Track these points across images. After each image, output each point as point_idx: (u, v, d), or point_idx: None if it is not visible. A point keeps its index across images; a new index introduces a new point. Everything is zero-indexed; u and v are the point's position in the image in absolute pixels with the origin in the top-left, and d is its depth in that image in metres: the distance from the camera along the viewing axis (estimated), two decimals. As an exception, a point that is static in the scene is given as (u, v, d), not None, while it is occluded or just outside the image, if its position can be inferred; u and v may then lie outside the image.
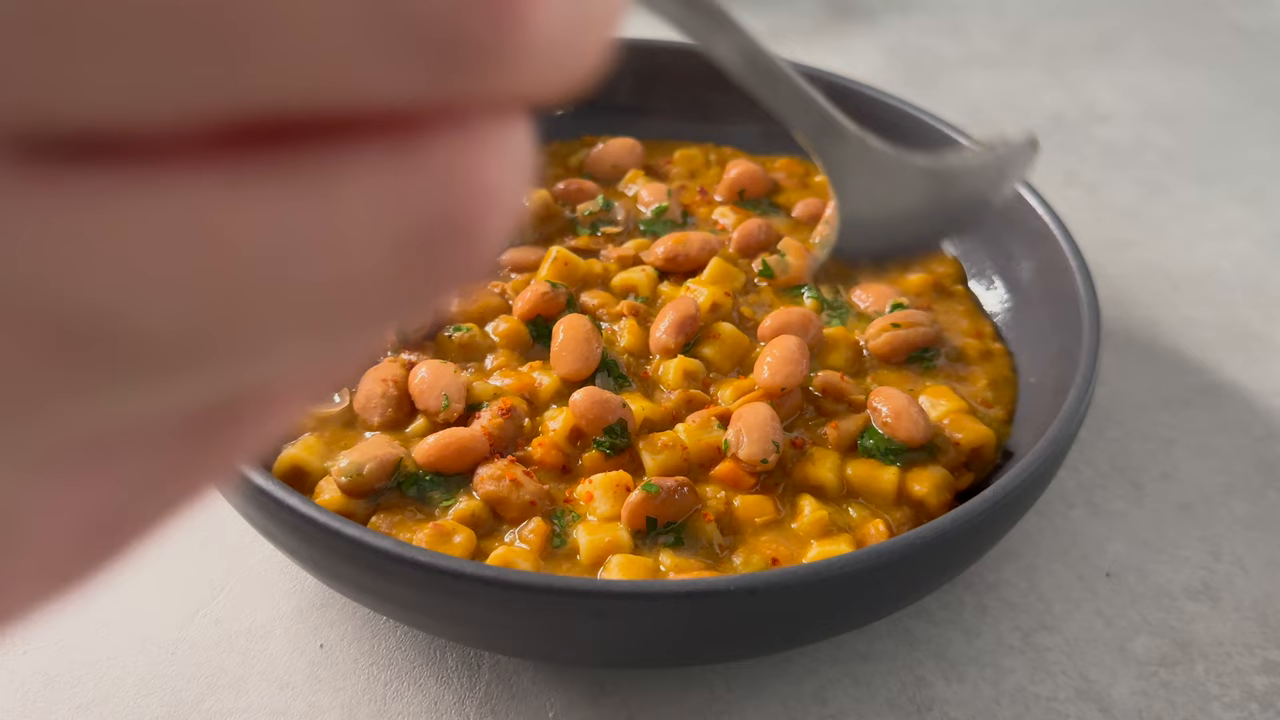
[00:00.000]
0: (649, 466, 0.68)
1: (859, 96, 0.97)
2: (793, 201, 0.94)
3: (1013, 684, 0.68)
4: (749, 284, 0.83)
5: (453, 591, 0.55)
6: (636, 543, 0.64)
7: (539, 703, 0.66)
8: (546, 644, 0.60)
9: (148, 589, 0.71)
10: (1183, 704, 0.68)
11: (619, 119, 1.01)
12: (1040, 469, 0.63)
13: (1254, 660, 0.71)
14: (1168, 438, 0.87)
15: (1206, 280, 1.04)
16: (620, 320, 0.77)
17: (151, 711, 0.64)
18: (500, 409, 0.69)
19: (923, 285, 0.85)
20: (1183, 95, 1.36)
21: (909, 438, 0.70)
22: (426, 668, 0.67)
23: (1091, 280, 0.76)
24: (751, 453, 0.67)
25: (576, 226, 0.88)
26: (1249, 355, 0.95)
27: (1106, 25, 1.52)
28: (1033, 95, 1.35)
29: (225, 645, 0.68)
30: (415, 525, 0.64)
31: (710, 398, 0.73)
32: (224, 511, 0.76)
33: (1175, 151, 1.25)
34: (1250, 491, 0.82)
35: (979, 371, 0.79)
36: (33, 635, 0.68)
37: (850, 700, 0.67)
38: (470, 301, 0.76)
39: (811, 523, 0.66)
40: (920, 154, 0.46)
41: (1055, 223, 0.81)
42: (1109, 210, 1.14)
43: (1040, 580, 0.75)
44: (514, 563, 0.62)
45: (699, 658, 0.63)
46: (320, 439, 0.69)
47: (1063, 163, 1.22)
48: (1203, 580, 0.76)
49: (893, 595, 0.62)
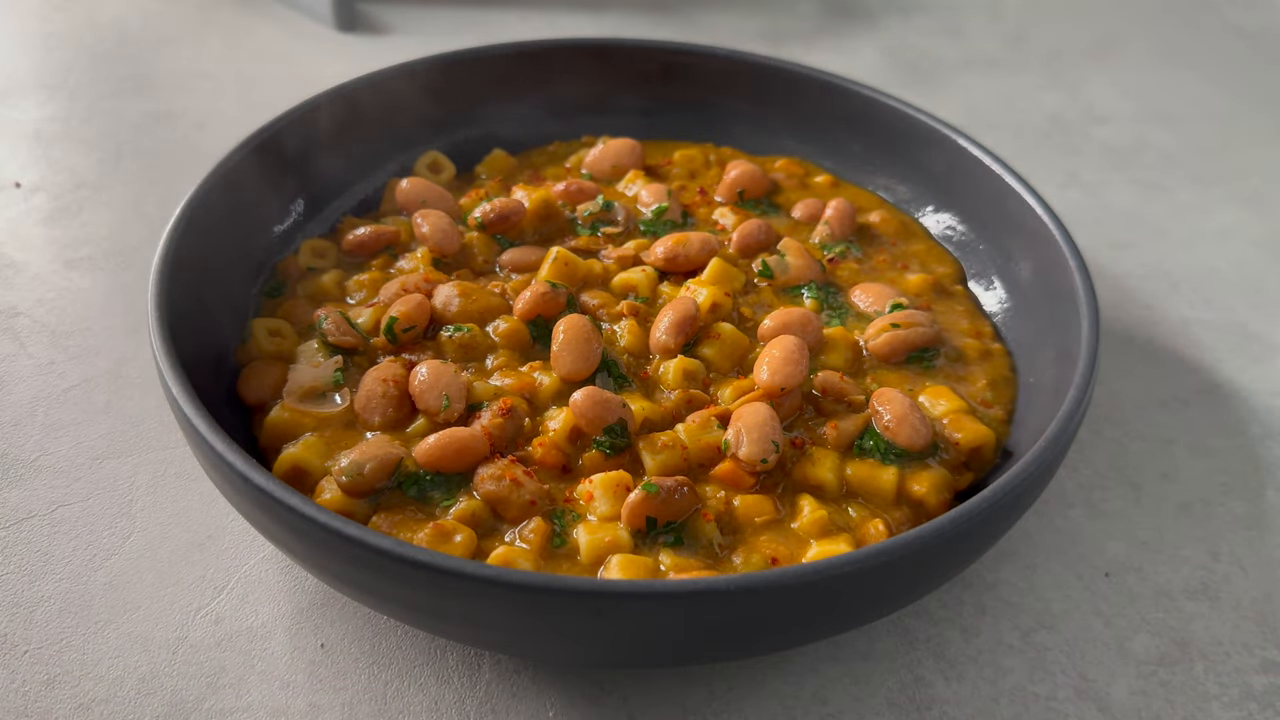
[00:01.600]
0: (649, 466, 0.68)
1: (859, 97, 0.97)
2: (792, 201, 0.94)
3: (1012, 683, 0.69)
4: (749, 284, 0.83)
5: (453, 591, 0.55)
6: (636, 543, 0.64)
7: (539, 703, 0.66)
8: (546, 644, 0.60)
9: (148, 589, 0.71)
10: (1181, 703, 0.68)
11: (619, 119, 1.02)
12: (1039, 469, 0.63)
13: (1253, 660, 0.71)
14: (1166, 438, 0.87)
15: (1205, 280, 1.04)
16: (620, 320, 0.77)
17: (152, 711, 0.64)
18: (500, 409, 0.69)
19: (923, 285, 0.85)
20: (1181, 96, 1.36)
21: (910, 443, 0.70)
22: (427, 667, 0.67)
23: (1091, 280, 0.77)
24: (751, 453, 0.67)
25: (576, 226, 0.88)
26: (1248, 355, 0.95)
27: (1105, 27, 1.53)
28: (1032, 96, 1.35)
29: (226, 645, 0.68)
30: (415, 525, 0.64)
31: (710, 398, 0.73)
32: (224, 511, 0.76)
33: (1174, 152, 1.25)
34: (1249, 491, 0.83)
35: (978, 371, 0.79)
36: (33, 635, 0.68)
37: (850, 700, 0.67)
38: (470, 301, 0.76)
39: (811, 522, 0.66)
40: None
41: (1055, 223, 0.81)
42: (1108, 210, 1.14)
43: (1039, 580, 0.75)
44: (514, 563, 0.62)
45: (699, 658, 0.64)
46: (321, 439, 0.69)
47: (1062, 163, 1.22)
48: (1201, 580, 0.76)
49: (893, 595, 0.62)
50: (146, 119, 1.17)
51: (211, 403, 0.65)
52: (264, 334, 0.76)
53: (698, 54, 1.01)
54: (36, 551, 0.73)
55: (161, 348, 0.65)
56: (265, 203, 0.85)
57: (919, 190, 0.95)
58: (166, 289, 0.69)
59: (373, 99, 0.92)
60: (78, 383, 0.85)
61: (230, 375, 0.74)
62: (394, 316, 0.74)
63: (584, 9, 1.45)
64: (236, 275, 0.80)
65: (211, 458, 0.60)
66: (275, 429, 0.70)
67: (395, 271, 0.82)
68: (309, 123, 0.87)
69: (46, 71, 1.25)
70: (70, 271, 0.96)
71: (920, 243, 0.92)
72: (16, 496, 0.76)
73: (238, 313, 0.79)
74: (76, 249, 0.99)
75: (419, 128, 0.96)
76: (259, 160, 0.83)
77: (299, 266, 0.83)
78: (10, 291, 0.94)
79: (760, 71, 1.00)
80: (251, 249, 0.83)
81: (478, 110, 0.98)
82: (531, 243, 0.86)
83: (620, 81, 1.02)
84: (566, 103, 1.01)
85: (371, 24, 1.39)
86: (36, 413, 0.83)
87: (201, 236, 0.75)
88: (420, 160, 0.95)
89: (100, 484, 0.77)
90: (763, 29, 1.45)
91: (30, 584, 0.71)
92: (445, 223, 0.83)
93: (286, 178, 0.87)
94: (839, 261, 0.87)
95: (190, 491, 0.77)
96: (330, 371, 0.72)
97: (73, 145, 1.12)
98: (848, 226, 0.90)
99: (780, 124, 1.01)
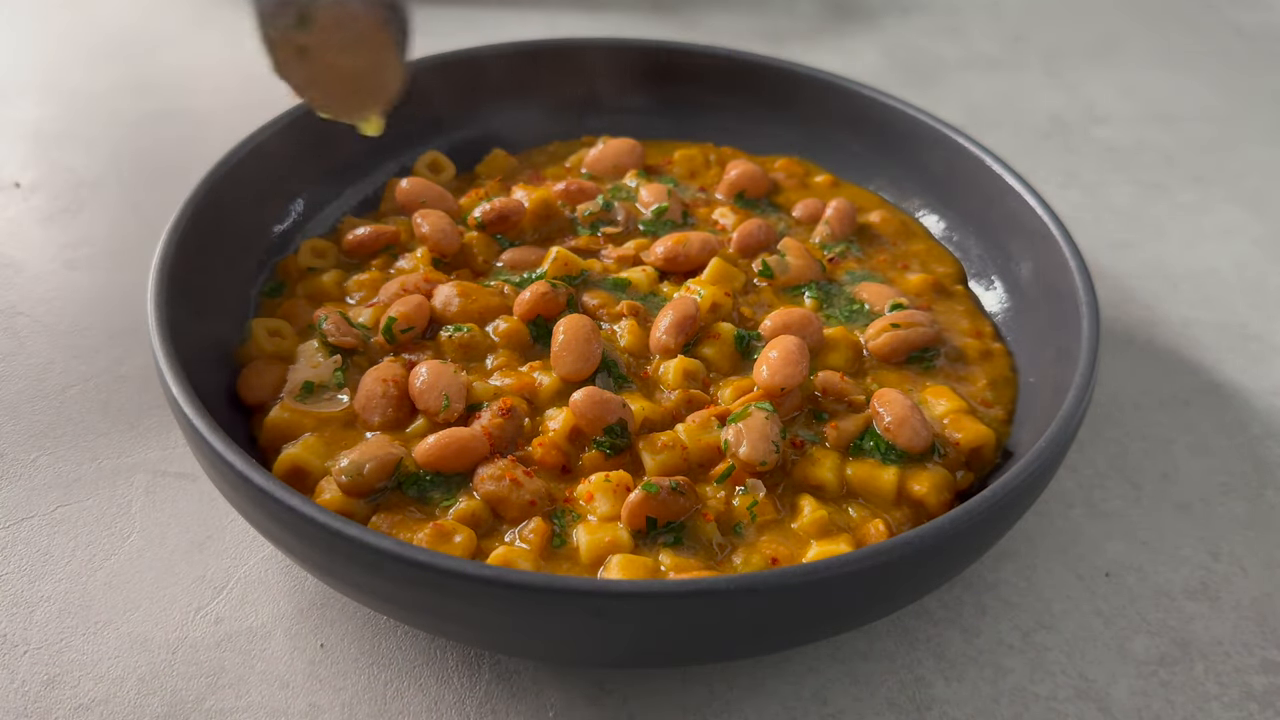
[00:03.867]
0: (649, 466, 0.68)
1: (859, 97, 0.97)
2: (793, 201, 0.94)
3: (1012, 683, 0.69)
4: (749, 284, 0.83)
5: (453, 591, 0.55)
6: (636, 543, 0.64)
7: (539, 702, 0.66)
8: (546, 644, 0.60)
9: (148, 589, 0.71)
10: (1182, 703, 0.68)
11: (619, 119, 1.02)
12: (1039, 469, 0.63)
13: (1253, 660, 0.71)
14: (1166, 438, 0.87)
15: (1205, 280, 1.04)
16: (620, 320, 0.77)
17: (152, 711, 0.64)
18: (500, 409, 0.69)
19: (923, 285, 0.85)
20: (1181, 96, 1.36)
21: (910, 445, 0.70)
22: (426, 667, 0.67)
23: (1091, 280, 0.77)
24: (751, 454, 0.67)
25: (576, 226, 0.88)
26: (1247, 355, 0.95)
27: (1105, 27, 1.53)
28: (1031, 96, 1.35)
29: (226, 645, 0.68)
30: (415, 525, 0.64)
31: (710, 398, 0.73)
32: (224, 511, 0.76)
33: (1174, 152, 1.25)
34: (1249, 491, 0.83)
35: (979, 371, 0.79)
36: (33, 635, 0.68)
37: (850, 700, 0.67)
38: (470, 301, 0.76)
39: (811, 522, 0.66)
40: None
41: (1055, 223, 0.81)
42: (1108, 210, 1.14)
43: (1039, 580, 0.75)
44: (514, 563, 0.62)
45: (699, 658, 0.64)
46: (320, 439, 0.69)
47: (1062, 163, 1.22)
48: (1201, 580, 0.76)
49: (893, 595, 0.62)
50: (146, 119, 1.17)
51: (211, 403, 0.65)
52: (264, 334, 0.76)
53: (698, 54, 1.01)
54: (36, 551, 0.73)
55: (161, 348, 0.65)
56: (265, 203, 0.85)
57: (919, 190, 0.95)
58: (166, 289, 0.70)
59: (373, 99, 0.92)
60: (78, 382, 0.85)
61: (230, 375, 0.74)
62: (393, 317, 0.74)
63: (584, 9, 1.45)
64: (236, 275, 0.80)
65: (211, 458, 0.60)
66: (275, 429, 0.70)
67: (395, 271, 0.82)
68: (308, 122, 0.87)
69: (46, 71, 1.25)
70: (70, 271, 0.96)
71: (920, 243, 0.92)
72: (16, 496, 0.76)
73: (238, 313, 0.79)
74: (76, 249, 0.98)
75: (419, 128, 0.96)
76: (259, 160, 0.83)
77: (299, 266, 0.83)
78: (10, 291, 0.94)
79: (760, 71, 1.00)
80: (251, 249, 0.83)
81: (478, 110, 0.98)
82: (531, 243, 0.86)
83: (620, 81, 1.02)
84: (566, 103, 1.01)
85: (371, 24, 1.39)
86: (36, 413, 0.83)
87: (201, 236, 0.75)
88: (420, 160, 0.95)
89: (100, 484, 0.77)
90: (763, 29, 1.45)
91: (30, 584, 0.71)
92: (445, 223, 0.83)
93: (286, 178, 0.87)
94: (839, 261, 0.87)
95: (190, 491, 0.77)
96: (330, 371, 0.72)
97: (73, 145, 1.12)
98: (848, 226, 0.90)
99: (780, 124, 1.01)
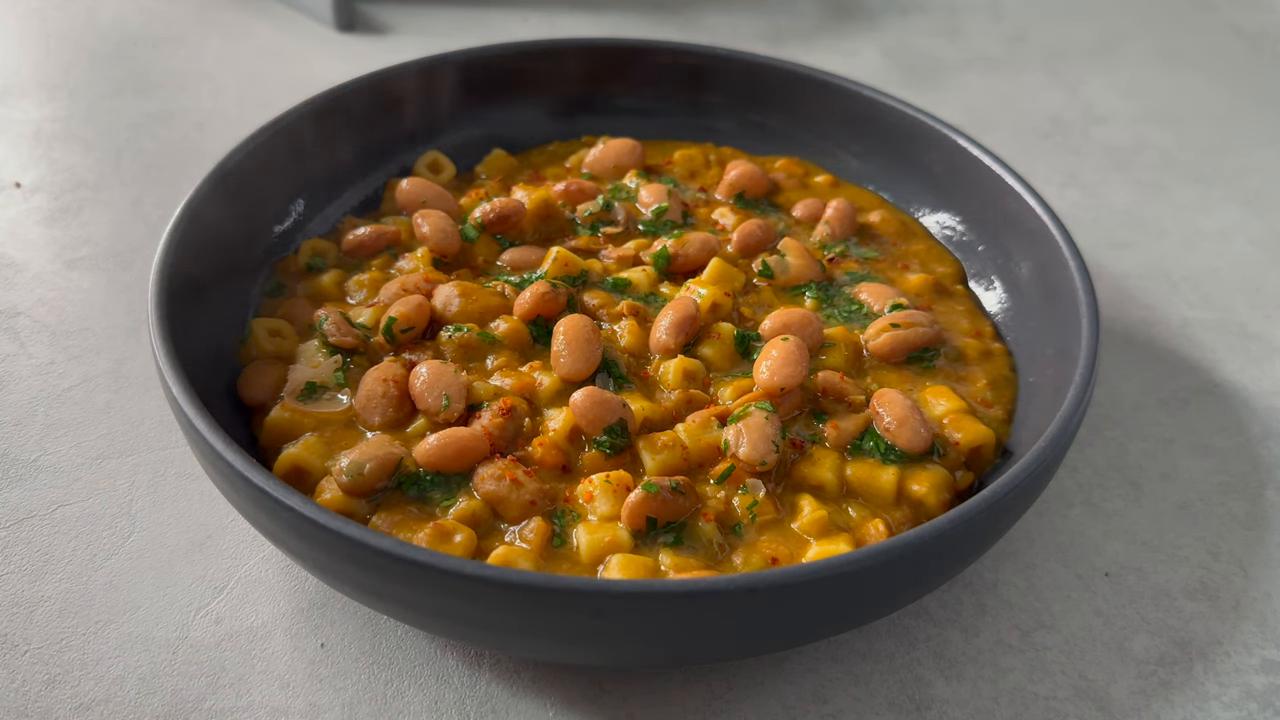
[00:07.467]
0: (649, 466, 0.68)
1: (859, 97, 0.97)
2: (793, 201, 0.94)
3: (1011, 683, 0.69)
4: (749, 284, 0.83)
5: (453, 591, 0.55)
6: (636, 542, 0.64)
7: (539, 703, 0.66)
8: (546, 644, 0.60)
9: (148, 589, 0.71)
10: (1181, 703, 0.68)
11: (619, 119, 1.02)
12: (1039, 469, 0.63)
13: (1252, 659, 0.71)
14: (1166, 437, 0.87)
15: (1205, 280, 1.04)
16: (620, 320, 0.77)
17: (152, 711, 0.64)
18: (500, 409, 0.69)
19: (923, 285, 0.85)
20: (1181, 97, 1.36)
21: (910, 446, 0.70)
22: (427, 667, 0.67)
23: (1091, 280, 0.77)
24: (751, 453, 0.67)
25: (576, 226, 0.88)
26: (1247, 355, 0.95)
27: (1105, 27, 1.53)
28: (1031, 96, 1.35)
29: (226, 645, 0.68)
30: (415, 525, 0.64)
31: (710, 398, 0.73)
32: (224, 511, 0.76)
33: (1174, 152, 1.25)
34: (1248, 491, 0.83)
35: (978, 371, 0.79)
36: (33, 635, 0.68)
37: (850, 699, 0.67)
38: (470, 301, 0.76)
39: (811, 522, 0.66)
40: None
41: (1055, 223, 0.81)
42: (1108, 210, 1.14)
43: (1039, 580, 0.75)
44: (514, 562, 0.62)
45: (699, 658, 0.64)
46: (321, 439, 0.69)
47: (1062, 163, 1.22)
48: (1201, 580, 0.76)
49: (892, 595, 0.62)
50: (146, 119, 1.17)
51: (211, 403, 0.65)
52: (264, 334, 0.76)
53: (698, 54, 1.01)
54: (36, 551, 0.73)
55: (161, 347, 0.65)
56: (265, 203, 0.85)
57: (919, 190, 0.95)
58: (166, 289, 0.70)
59: (373, 99, 0.92)
60: (78, 383, 0.85)
61: (230, 375, 0.74)
62: (393, 317, 0.74)
63: (584, 9, 1.45)
64: (236, 275, 0.80)
65: (211, 458, 0.60)
66: (275, 429, 0.70)
67: (395, 271, 0.82)
68: (309, 122, 0.87)
69: (46, 71, 1.25)
70: (70, 271, 0.96)
71: (920, 243, 0.92)
72: (16, 496, 0.76)
73: (238, 313, 0.79)
74: (76, 249, 0.99)
75: (419, 128, 0.96)
76: (259, 160, 0.83)
77: (299, 266, 0.83)
78: (10, 291, 0.94)
79: (760, 71, 1.00)
80: (251, 249, 0.83)
81: (478, 110, 0.98)
82: (531, 243, 0.86)
83: (620, 81, 1.02)
84: (566, 103, 1.01)
85: (371, 24, 1.39)
86: (36, 413, 0.83)
87: (201, 236, 0.75)
88: (420, 160, 0.95)
89: (100, 484, 0.77)
90: (763, 29, 1.45)
91: (30, 584, 0.71)
92: (445, 223, 0.83)
93: (286, 178, 0.87)
94: (839, 261, 0.87)
95: (190, 491, 0.77)
96: (330, 371, 0.72)
97: (73, 145, 1.12)
98: (848, 226, 0.90)
99: (780, 124, 1.01)
